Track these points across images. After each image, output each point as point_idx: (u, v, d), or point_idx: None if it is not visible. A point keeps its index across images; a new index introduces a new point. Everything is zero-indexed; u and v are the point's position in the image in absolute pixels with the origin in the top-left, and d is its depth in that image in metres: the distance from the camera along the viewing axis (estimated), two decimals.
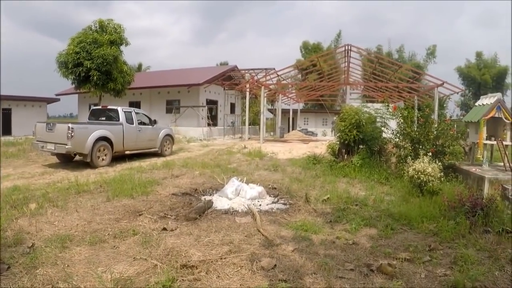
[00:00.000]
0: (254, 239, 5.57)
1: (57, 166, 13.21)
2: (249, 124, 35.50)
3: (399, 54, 51.81)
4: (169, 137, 17.19)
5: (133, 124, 14.76)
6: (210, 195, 8.49)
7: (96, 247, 5.24)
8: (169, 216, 6.79)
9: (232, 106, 38.16)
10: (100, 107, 15.65)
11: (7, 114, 31.69)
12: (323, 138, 31.44)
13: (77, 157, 13.57)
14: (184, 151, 19.18)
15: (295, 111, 40.63)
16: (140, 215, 6.86)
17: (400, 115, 11.70)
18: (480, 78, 48.80)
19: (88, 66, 19.92)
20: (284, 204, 7.77)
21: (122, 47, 22.38)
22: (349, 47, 25.10)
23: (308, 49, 56.10)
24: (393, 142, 11.79)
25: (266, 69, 31.60)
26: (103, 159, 13.20)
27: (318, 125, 47.10)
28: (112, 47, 20.86)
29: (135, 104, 29.58)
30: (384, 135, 12.39)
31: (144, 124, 15.60)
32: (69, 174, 11.48)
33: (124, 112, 14.57)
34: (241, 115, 38.75)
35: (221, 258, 4.78)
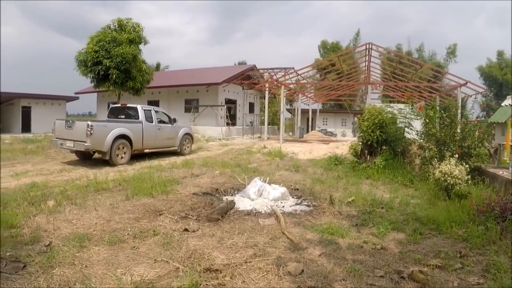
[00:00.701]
0: (279, 242, 5.33)
1: (76, 163, 13.12)
2: (268, 124, 35.17)
3: (419, 53, 50.98)
4: (189, 136, 17.02)
5: (152, 122, 14.58)
6: (232, 195, 8.29)
7: (115, 247, 5.02)
8: (190, 216, 6.56)
9: (251, 106, 37.92)
10: (119, 105, 15.51)
11: (26, 111, 32.11)
12: (343, 139, 30.96)
13: (96, 155, 13.49)
14: (203, 150, 19.02)
15: (313, 111, 40.19)
16: (160, 214, 6.64)
17: (426, 115, 11.26)
18: (502, 78, 47.32)
19: (107, 64, 19.86)
20: (308, 205, 7.52)
21: (141, 46, 22.36)
22: (370, 45, 24.64)
23: (327, 48, 55.68)
24: (417, 143, 11.47)
25: (285, 68, 31.31)
26: (122, 157, 13.04)
27: (337, 125, 46.52)
28: (131, 46, 20.79)
29: (154, 103, 29.53)
30: (407, 135, 12.11)
31: (163, 122, 15.42)
32: (88, 171, 11.35)
33: (144, 110, 14.41)
34: (259, 114, 38.43)
35: (246, 262, 4.56)
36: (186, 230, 5.76)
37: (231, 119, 31.65)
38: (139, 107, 14.38)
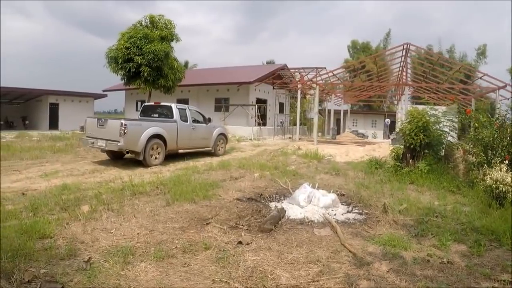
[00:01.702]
0: (342, 256, 4.84)
1: (107, 163, 12.53)
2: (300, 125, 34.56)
3: (450, 54, 49.54)
4: (223, 136, 16.36)
5: (187, 121, 13.95)
6: (278, 201, 7.74)
7: (164, 264, 4.40)
8: (240, 226, 5.97)
9: (281, 106, 37.28)
10: (152, 103, 14.89)
11: (54, 108, 32.18)
12: (376, 141, 30.25)
13: (128, 155, 12.88)
14: (236, 151, 18.45)
15: (343, 112, 39.15)
16: (207, 224, 6.03)
17: (475, 119, 10.69)
18: None
19: (139, 61, 19.28)
20: (360, 213, 7.01)
21: (173, 44, 21.74)
22: (408, 46, 23.63)
23: (357, 48, 55.36)
24: (462, 147, 10.86)
25: (316, 68, 30.61)
26: (156, 158, 12.41)
27: (367, 126, 45.79)
28: (163, 43, 20.20)
29: (183, 102, 28.85)
30: (450, 139, 11.85)
31: (197, 122, 14.78)
32: (121, 172, 10.76)
33: (178, 109, 13.77)
34: (289, 114, 37.73)
35: (314, 281, 4.08)
36: (240, 242, 5.16)
37: (262, 119, 30.99)
38: (173, 105, 13.76)
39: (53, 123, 32.25)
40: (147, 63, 19.45)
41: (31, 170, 10.68)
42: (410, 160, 11.32)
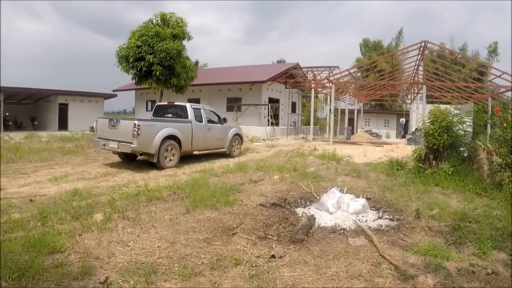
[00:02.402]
0: (383, 269, 4.44)
1: (120, 165, 11.98)
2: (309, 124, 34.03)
3: (462, 52, 48.75)
4: (238, 137, 15.83)
5: (202, 122, 13.40)
6: (304, 206, 7.23)
7: (191, 283, 3.86)
8: (269, 236, 5.42)
9: (293, 105, 36.71)
10: (166, 103, 14.34)
11: (63, 109, 31.83)
12: (393, 141, 29.59)
13: (140, 157, 12.26)
14: (251, 152, 17.93)
15: (356, 112, 38.38)
16: (233, 234, 5.47)
17: (503, 119, 10.27)
18: None
19: (150, 60, 18.74)
20: (391, 219, 6.56)
21: (184, 42, 21.17)
22: (426, 44, 22.94)
23: (368, 46, 54.80)
24: (487, 148, 10.55)
25: (329, 67, 30.17)
26: (170, 160, 11.87)
27: (380, 126, 45.14)
28: (175, 41, 19.64)
29: (194, 101, 28.18)
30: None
31: (212, 122, 14.24)
32: (135, 175, 10.21)
33: (193, 109, 13.22)
34: (301, 114, 37.13)
35: None
36: (273, 256, 4.64)
37: (274, 118, 30.37)
38: (188, 105, 13.23)
39: (63, 124, 31.91)
40: (159, 61, 18.89)
41: (40, 173, 10.18)
42: (433, 161, 10.96)
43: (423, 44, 22.81)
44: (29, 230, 5.15)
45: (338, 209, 6.72)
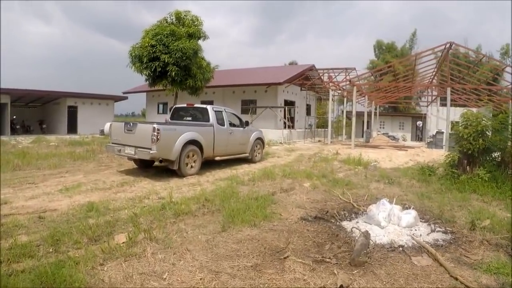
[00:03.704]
0: None
1: (136, 173, 11.02)
2: (321, 127, 33.56)
3: (476, 54, 48.08)
4: (260, 141, 14.86)
5: (224, 125, 12.45)
6: (349, 220, 6.60)
7: None
8: (327, 259, 4.66)
9: (308, 108, 35.78)
10: (185, 105, 13.32)
11: (73, 112, 31.07)
12: (414, 144, 28.84)
13: (159, 163, 11.32)
14: (271, 156, 17.01)
15: (369, 114, 37.46)
16: (285, 258, 4.64)
17: None
18: None
19: (166, 60, 17.74)
20: (444, 232, 6.04)
21: (200, 42, 20.18)
22: (450, 45, 21.90)
23: (382, 48, 54.25)
24: None
25: (346, 68, 29.53)
26: (192, 167, 10.91)
27: (395, 128, 44.31)
28: (191, 41, 18.68)
29: (207, 103, 27.51)
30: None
31: (234, 125, 13.28)
32: (154, 185, 9.26)
33: (215, 111, 12.26)
34: (315, 117, 36.16)
35: None
36: (341, 287, 3.97)
37: (290, 121, 29.53)
38: (209, 107, 12.25)
39: (72, 127, 31.09)
40: (174, 62, 17.89)
41: (49, 182, 9.20)
42: (467, 167, 10.53)
43: (448, 45, 21.74)
44: (40, 258, 4.26)
45: (389, 222, 6.15)
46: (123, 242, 4.85)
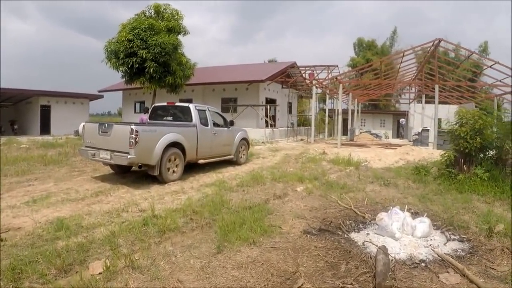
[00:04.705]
0: None
1: (113, 179, 10.02)
2: (301, 125, 33.37)
3: (456, 52, 48.49)
4: (245, 142, 14.02)
5: (207, 126, 11.51)
6: (357, 231, 5.93)
7: None
8: (348, 285, 4.02)
9: (290, 106, 35.14)
10: (165, 104, 12.30)
11: (46, 111, 29.63)
12: (398, 142, 28.60)
13: (138, 169, 10.38)
14: (256, 157, 16.17)
15: (352, 112, 37.13)
16: (299, 287, 3.87)
17: None
18: None
19: (143, 56, 16.76)
20: (460, 241, 5.61)
21: (180, 37, 19.26)
22: (438, 42, 21.48)
23: (363, 46, 54.40)
24: None
25: (328, 66, 29.13)
26: (174, 172, 9.97)
27: (376, 126, 44.43)
28: (171, 35, 17.75)
29: (186, 102, 26.65)
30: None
31: (218, 125, 12.37)
32: (133, 193, 8.31)
33: (198, 110, 11.30)
34: (297, 115, 35.83)
35: None
36: None
37: (272, 120, 28.73)
38: (191, 106, 11.30)
39: (45, 128, 29.64)
40: (152, 57, 16.94)
41: (15, 192, 8.13)
42: (463, 166, 10.27)
43: (436, 42, 21.32)
44: None
45: (402, 232, 5.64)
46: (99, 273, 3.99)
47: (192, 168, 11.49)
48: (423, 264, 4.71)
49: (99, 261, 4.27)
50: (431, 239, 5.61)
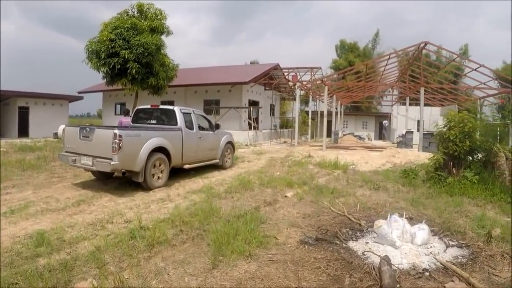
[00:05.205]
0: None
1: (95, 186, 9.54)
2: (284, 128, 33.47)
3: (437, 56, 48.95)
4: (230, 145, 13.66)
5: (193, 129, 11.13)
6: (355, 239, 5.78)
7: None
8: None
9: (272, 108, 34.92)
10: (148, 106, 11.81)
11: (24, 113, 28.74)
12: (383, 144, 28.82)
13: (122, 175, 9.94)
14: (242, 161, 15.84)
15: (335, 114, 37.17)
16: None
17: None
18: None
19: (126, 56, 16.29)
20: (459, 246, 5.57)
21: (163, 37, 18.83)
22: (425, 44, 21.53)
23: (345, 48, 54.67)
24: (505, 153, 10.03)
25: (312, 68, 29.12)
26: (159, 178, 9.57)
27: (358, 128, 44.68)
28: (154, 35, 17.30)
29: (168, 104, 26.16)
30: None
31: (203, 129, 11.98)
32: (117, 202, 7.89)
33: (183, 113, 10.92)
34: (279, 117, 36.01)
35: None
36: None
37: (255, 122, 28.44)
38: (176, 109, 10.89)
39: (23, 130, 28.69)
40: (135, 58, 16.48)
41: None
42: (453, 169, 10.33)
43: (422, 45, 21.35)
44: None
45: (402, 240, 5.54)
46: None
47: (177, 173, 11.09)
48: (427, 274, 4.58)
49: (85, 282, 3.92)
50: (430, 246, 5.51)
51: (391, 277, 4.11)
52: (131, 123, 11.71)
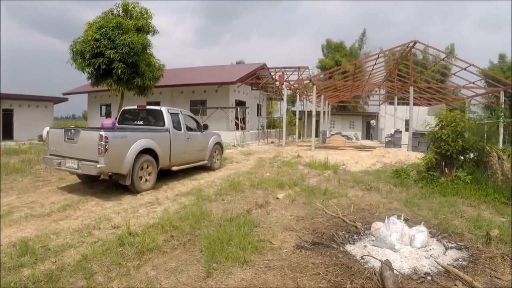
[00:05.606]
0: None
1: (80, 190, 9.25)
2: (271, 128, 33.19)
3: (424, 55, 49.33)
4: (219, 146, 13.45)
5: (181, 130, 10.88)
6: (352, 242, 5.60)
7: None
8: None
9: (259, 108, 34.75)
10: (135, 107, 11.52)
11: (8, 115, 28.23)
12: (373, 144, 29.17)
13: (109, 178, 9.65)
14: (230, 162, 15.64)
15: (322, 113, 37.09)
16: None
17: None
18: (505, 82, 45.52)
19: (111, 56, 15.94)
20: (458, 248, 5.47)
21: (149, 37, 18.52)
22: (413, 44, 21.50)
23: (331, 47, 54.67)
24: (497, 153, 10.13)
25: (299, 67, 29.09)
26: (146, 180, 9.31)
27: (345, 128, 44.69)
28: (140, 35, 16.98)
29: (154, 105, 25.80)
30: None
31: (191, 130, 11.74)
32: (104, 206, 7.62)
33: (170, 114, 10.67)
34: (266, 117, 35.81)
35: None
36: None
37: (242, 122, 28.29)
38: (164, 109, 10.63)
39: (7, 132, 28.07)
40: (120, 58, 16.13)
41: None
42: (445, 169, 10.30)
43: (411, 44, 21.32)
44: None
45: (401, 243, 5.40)
46: None
47: (164, 175, 10.87)
48: (429, 278, 4.46)
49: None
50: (430, 249, 5.40)
51: (394, 283, 3.96)
52: (117, 124, 11.40)
